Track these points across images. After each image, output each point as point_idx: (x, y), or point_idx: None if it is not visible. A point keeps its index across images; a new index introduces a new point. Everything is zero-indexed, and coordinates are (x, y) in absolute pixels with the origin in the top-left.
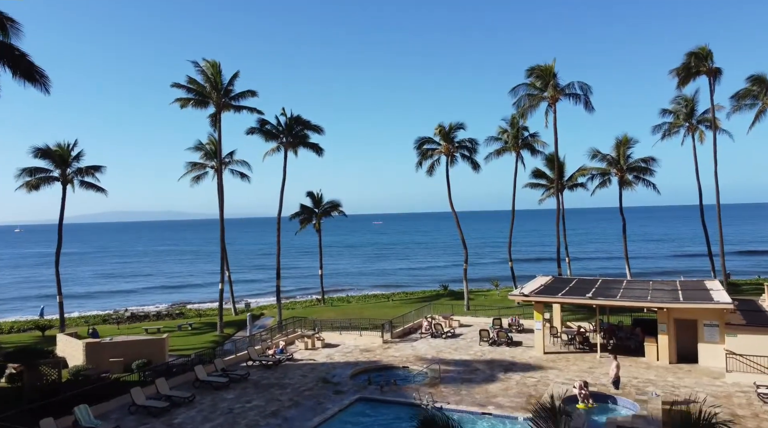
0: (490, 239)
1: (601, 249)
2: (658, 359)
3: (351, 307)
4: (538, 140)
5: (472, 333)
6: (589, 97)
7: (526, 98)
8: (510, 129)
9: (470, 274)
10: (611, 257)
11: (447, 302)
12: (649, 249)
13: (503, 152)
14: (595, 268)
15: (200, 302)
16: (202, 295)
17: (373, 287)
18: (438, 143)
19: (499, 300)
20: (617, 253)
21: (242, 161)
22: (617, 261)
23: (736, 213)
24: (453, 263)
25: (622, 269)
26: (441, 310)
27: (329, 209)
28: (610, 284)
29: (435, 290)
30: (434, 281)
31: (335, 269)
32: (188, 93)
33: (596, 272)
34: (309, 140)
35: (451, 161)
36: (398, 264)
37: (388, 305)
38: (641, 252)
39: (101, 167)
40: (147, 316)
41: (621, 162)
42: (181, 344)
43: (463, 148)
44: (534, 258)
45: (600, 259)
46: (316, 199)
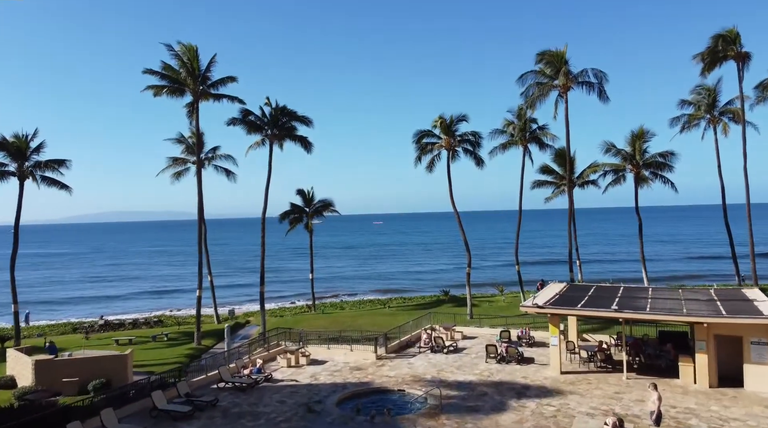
0: (493, 240)
1: (606, 251)
2: (695, 382)
3: (344, 315)
4: (547, 132)
5: (477, 346)
6: (604, 85)
7: (535, 87)
8: (517, 121)
9: (473, 278)
10: (620, 259)
11: (448, 309)
12: (661, 251)
13: (509, 146)
14: (606, 272)
15: (186, 308)
16: (189, 301)
17: (370, 292)
18: (438, 137)
19: (504, 307)
20: (623, 255)
21: (227, 155)
22: (627, 264)
23: (755, 213)
24: (454, 265)
25: (635, 273)
26: (442, 319)
27: (321, 208)
28: (634, 293)
29: (435, 296)
30: (434, 285)
31: (331, 272)
32: (162, 80)
33: (608, 276)
34: (296, 132)
35: (452, 156)
36: (397, 267)
37: (384, 312)
38: (653, 254)
39: (65, 161)
40: (122, 324)
41: (637, 157)
42: (152, 358)
43: (465, 142)
44: (540, 261)
45: (609, 262)
46: (306, 197)
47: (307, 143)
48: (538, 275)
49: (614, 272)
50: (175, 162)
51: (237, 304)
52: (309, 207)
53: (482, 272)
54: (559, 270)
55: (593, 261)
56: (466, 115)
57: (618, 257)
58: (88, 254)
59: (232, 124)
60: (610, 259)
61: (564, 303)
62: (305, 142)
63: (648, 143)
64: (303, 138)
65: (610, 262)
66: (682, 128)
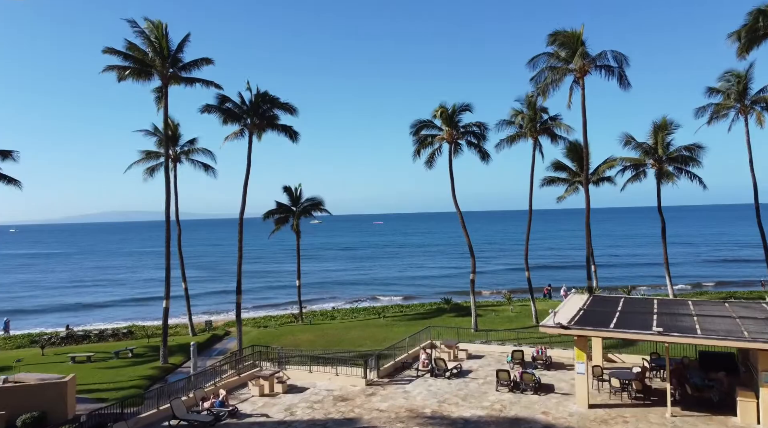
0: (496, 241)
1: (620, 253)
2: (759, 421)
3: (333, 327)
4: (560, 123)
5: (485, 368)
6: (625, 69)
7: (547, 72)
8: (526, 110)
9: (477, 283)
10: (638, 263)
11: (450, 320)
12: (680, 253)
13: (518, 138)
14: (623, 277)
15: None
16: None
17: (365, 298)
18: (439, 128)
19: (513, 318)
20: (641, 258)
21: (204, 149)
22: (645, 268)
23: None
24: (456, 268)
25: (655, 279)
26: (443, 335)
27: (309, 207)
28: (674, 308)
29: (435, 303)
30: (434, 292)
31: (324, 276)
32: (125, 60)
33: (625, 281)
34: (279, 121)
35: (454, 150)
36: (395, 270)
37: (378, 323)
38: (672, 257)
39: (11, 152)
40: (87, 336)
41: (659, 151)
42: (108, 380)
43: (469, 134)
44: (548, 265)
45: (625, 266)
46: (293, 195)
47: (293, 133)
48: (545, 280)
49: (632, 278)
50: (147, 156)
51: (222, 312)
52: (296, 206)
53: (486, 277)
54: (568, 275)
55: (608, 265)
56: (469, 104)
57: (635, 261)
58: (76, 255)
59: (207, 111)
60: (627, 263)
61: (592, 322)
62: (290, 131)
63: (672, 136)
64: (287, 127)
65: (627, 266)
66: (710, 119)
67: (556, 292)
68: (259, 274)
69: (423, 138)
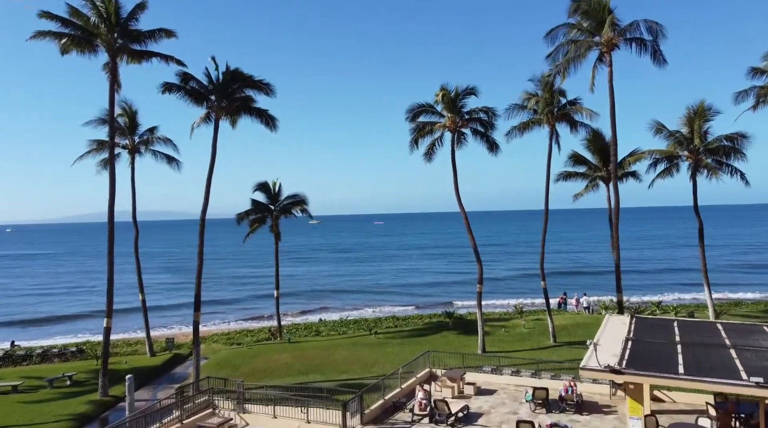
0: (502, 243)
1: (632, 257)
2: None
3: (316, 346)
4: (581, 107)
5: (498, 411)
6: (660, 43)
7: (568, 47)
8: (541, 93)
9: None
10: (656, 269)
11: (453, 338)
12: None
13: (531, 125)
14: (650, 286)
15: (127, 332)
16: (135, 322)
17: (358, 306)
18: (440, 114)
19: (525, 336)
20: (653, 263)
21: (165, 139)
22: (668, 275)
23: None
24: (459, 274)
25: (688, 287)
26: (445, 361)
27: (290, 205)
28: (751, 338)
29: (436, 315)
30: (435, 302)
31: (315, 282)
32: (64, 27)
33: (652, 291)
34: (254, 104)
35: (458, 140)
36: (391, 276)
37: (368, 341)
38: (687, 260)
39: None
40: (30, 356)
41: (696, 141)
42: (27, 420)
43: (474, 121)
44: (562, 271)
45: (645, 273)
46: (271, 193)
47: (269, 119)
48: (557, 288)
49: (659, 286)
50: (99, 146)
51: (186, 325)
52: (275, 205)
53: (492, 285)
54: (583, 281)
55: (629, 271)
56: (475, 87)
57: (659, 266)
58: (63, 256)
59: (167, 91)
60: (651, 269)
61: (651, 361)
62: (266, 116)
63: (709, 123)
64: (262, 112)
65: (652, 273)
66: (757, 104)
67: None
68: (243, 280)
69: (421, 126)
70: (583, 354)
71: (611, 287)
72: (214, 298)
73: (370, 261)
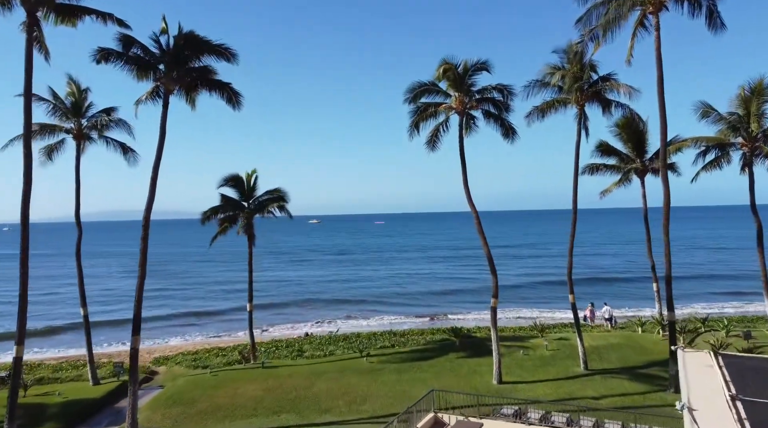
0: (512, 245)
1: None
2: None
3: (295, 373)
4: (617, 83)
5: None
6: (717, 4)
7: (604, 7)
8: (567, 66)
9: (486, 294)
10: (695, 275)
11: (461, 362)
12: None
13: (556, 106)
14: (688, 295)
15: (71, 348)
16: (98, 336)
17: (351, 317)
18: (445, 94)
19: (549, 359)
20: (691, 268)
21: (119, 120)
22: (710, 283)
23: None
24: (464, 280)
25: (725, 296)
26: (455, 401)
27: (267, 202)
28: None
29: (440, 331)
30: (438, 311)
31: (303, 289)
32: None
33: (692, 300)
34: (213, 76)
35: (466, 124)
36: (390, 281)
37: (360, 366)
38: (726, 265)
39: None
40: None
41: (752, 126)
42: None
43: (486, 102)
44: (582, 278)
45: (684, 279)
46: (245, 188)
47: (232, 94)
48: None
49: (699, 297)
50: (41, 130)
51: (168, 335)
52: (249, 201)
53: (502, 293)
54: (602, 290)
55: (662, 279)
56: (487, 61)
57: (698, 272)
58: (50, 257)
59: (104, 59)
60: (688, 275)
61: None
62: (229, 91)
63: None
64: (223, 85)
65: (689, 280)
66: None
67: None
68: (226, 287)
69: (423, 107)
70: (625, 387)
71: (637, 297)
72: (189, 309)
73: (367, 264)
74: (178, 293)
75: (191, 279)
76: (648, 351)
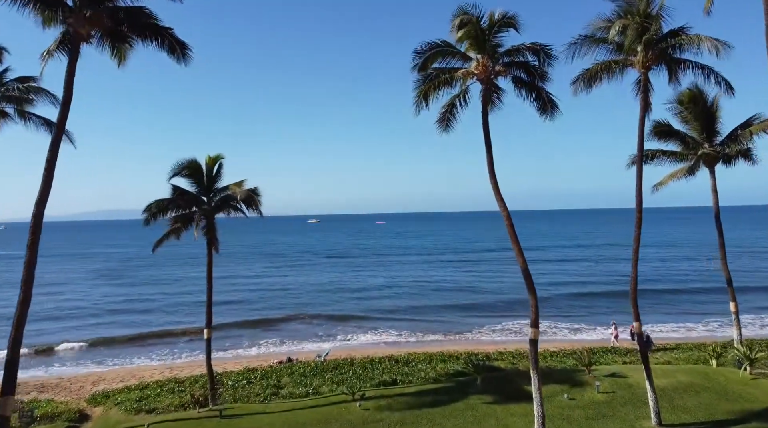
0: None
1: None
2: None
3: (263, 423)
4: (699, 38)
5: None
6: None
7: None
8: (629, 18)
9: (503, 308)
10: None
11: (487, 409)
12: None
13: (613, 69)
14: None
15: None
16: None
17: (344, 336)
18: (464, 57)
19: (603, 407)
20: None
21: (37, 88)
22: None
23: None
24: (477, 292)
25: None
26: None
27: (228, 197)
28: None
29: (455, 358)
30: (448, 330)
31: (293, 301)
32: None
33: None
34: (149, 20)
35: (490, 96)
36: (391, 293)
37: (349, 418)
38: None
39: None
40: None
41: None
42: None
43: (517, 67)
44: (605, 291)
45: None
46: (204, 178)
47: (176, 44)
48: (601, 312)
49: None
50: None
51: (130, 356)
52: (209, 195)
53: (525, 306)
54: (624, 305)
55: (714, 290)
56: (515, 16)
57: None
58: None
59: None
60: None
61: None
62: (171, 40)
63: None
64: (164, 32)
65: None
66: None
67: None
68: (220, 297)
69: (435, 74)
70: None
71: (688, 311)
72: (151, 325)
73: (365, 269)
74: (141, 306)
75: (157, 288)
76: (736, 396)
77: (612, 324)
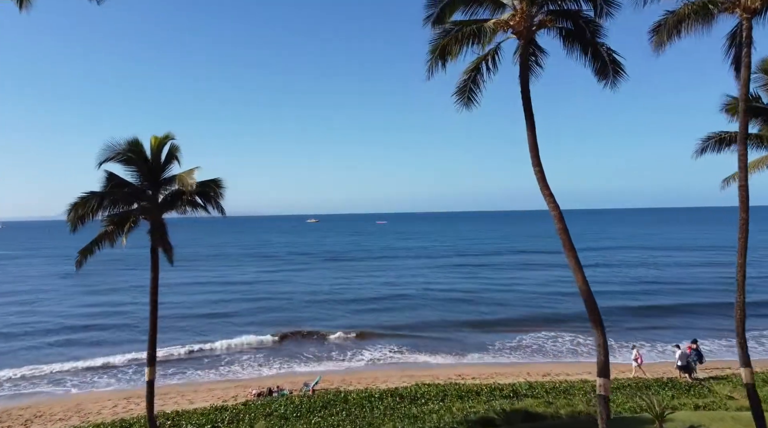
0: (523, 250)
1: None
2: None
3: None
4: None
5: None
6: None
7: None
8: None
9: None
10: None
11: None
12: None
13: (701, 15)
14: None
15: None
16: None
17: (334, 362)
18: (495, 2)
19: None
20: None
21: None
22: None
23: None
24: (489, 304)
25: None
26: None
27: (179, 191)
28: None
29: (473, 392)
30: (460, 352)
31: (281, 315)
32: None
33: None
34: None
35: (529, 55)
36: (390, 303)
37: None
38: None
39: None
40: None
41: None
42: None
43: (566, 17)
44: (632, 307)
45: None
46: (148, 165)
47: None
48: (626, 335)
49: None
50: None
51: (90, 384)
52: (156, 187)
53: (550, 325)
54: (671, 322)
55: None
56: None
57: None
58: (15, 259)
59: None
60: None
61: None
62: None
63: None
64: None
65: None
66: None
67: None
68: (203, 308)
69: (458, 28)
70: None
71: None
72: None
73: (363, 273)
74: (108, 321)
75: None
76: None
77: (633, 348)
